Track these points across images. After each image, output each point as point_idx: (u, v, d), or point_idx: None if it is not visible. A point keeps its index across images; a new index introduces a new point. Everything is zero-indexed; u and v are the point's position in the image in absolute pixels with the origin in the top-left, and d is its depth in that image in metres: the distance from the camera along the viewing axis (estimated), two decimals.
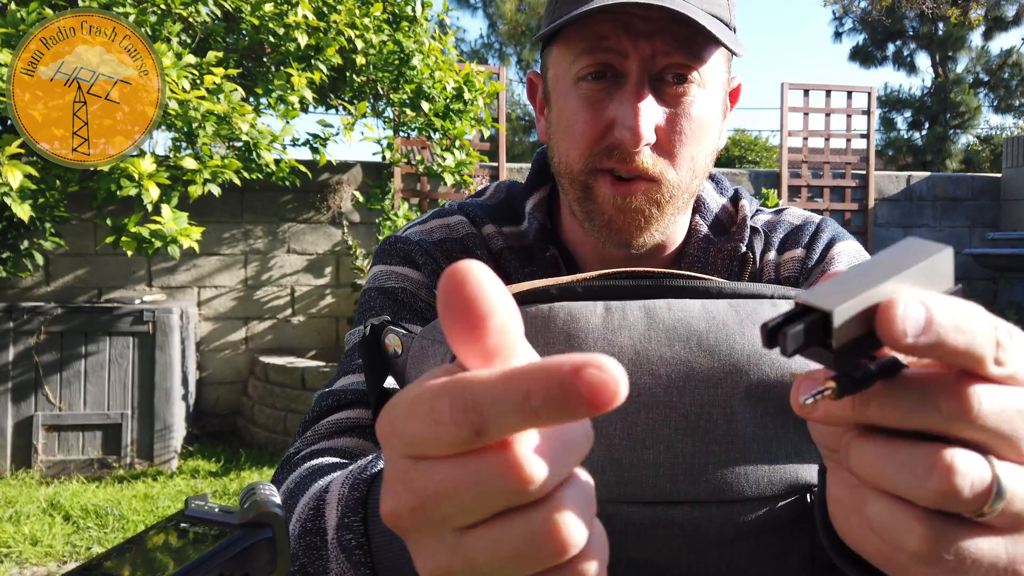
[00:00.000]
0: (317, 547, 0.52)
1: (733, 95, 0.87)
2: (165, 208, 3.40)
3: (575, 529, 0.29)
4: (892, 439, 0.31)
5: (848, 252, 0.85)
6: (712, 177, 0.93)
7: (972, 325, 0.30)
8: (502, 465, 0.28)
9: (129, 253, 3.40)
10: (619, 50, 0.73)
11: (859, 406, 0.31)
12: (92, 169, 3.25)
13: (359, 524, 0.47)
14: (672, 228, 0.82)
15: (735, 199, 0.90)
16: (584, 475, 0.30)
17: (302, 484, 0.61)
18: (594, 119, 0.75)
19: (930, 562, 0.32)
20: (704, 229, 0.87)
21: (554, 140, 0.81)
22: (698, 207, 0.88)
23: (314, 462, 0.67)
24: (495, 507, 0.28)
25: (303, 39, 3.93)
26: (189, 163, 3.42)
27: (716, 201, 0.89)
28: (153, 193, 3.19)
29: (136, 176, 3.16)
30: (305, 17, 3.95)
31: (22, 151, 2.96)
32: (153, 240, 3.35)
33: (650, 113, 0.73)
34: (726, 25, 0.76)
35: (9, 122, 3.52)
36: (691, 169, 0.78)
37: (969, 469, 0.30)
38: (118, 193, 3.18)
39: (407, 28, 4.43)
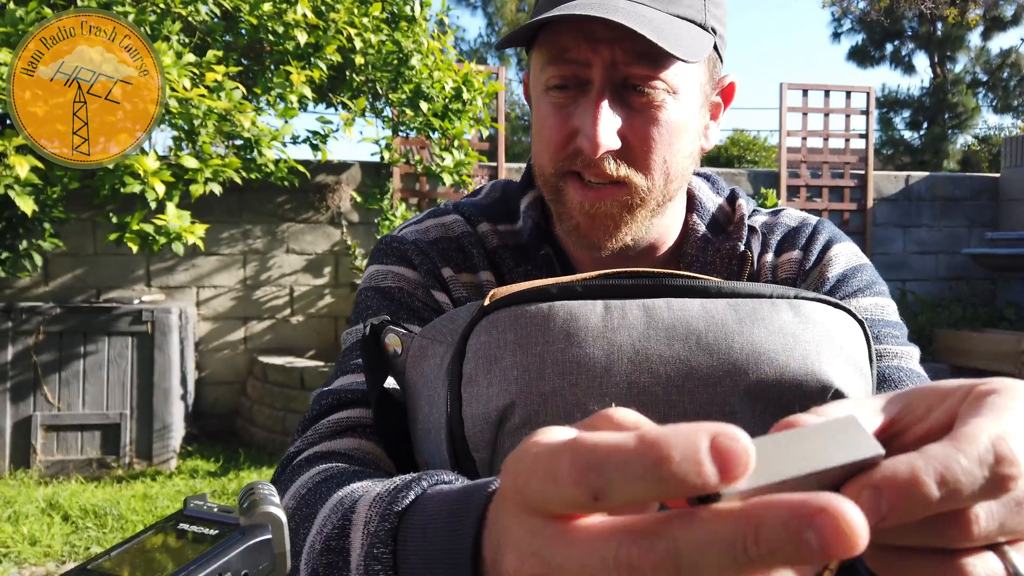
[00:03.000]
0: (339, 567, 0.52)
1: (726, 94, 0.86)
2: (169, 205, 3.40)
3: None
4: (909, 554, 0.32)
5: (845, 254, 0.85)
6: (708, 177, 0.92)
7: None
8: (631, 554, 0.26)
9: (134, 249, 3.39)
10: (581, 60, 0.74)
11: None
12: (94, 169, 3.25)
13: (388, 557, 0.47)
14: (648, 231, 0.81)
15: (732, 198, 0.90)
16: None
17: (317, 491, 0.60)
18: (560, 126, 0.76)
19: None
20: (702, 228, 0.86)
21: (533, 142, 0.83)
22: (694, 206, 0.88)
23: (325, 466, 0.66)
24: None
25: (302, 37, 3.93)
26: (190, 162, 3.42)
27: (712, 200, 0.89)
28: (159, 190, 3.19)
29: (141, 173, 3.16)
30: (304, 15, 3.95)
31: (27, 142, 2.96)
32: (158, 237, 3.34)
33: (609, 122, 0.73)
34: (699, 26, 0.75)
35: (8, 121, 3.52)
36: (664, 173, 0.77)
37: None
38: (121, 190, 3.18)
39: (406, 28, 4.43)
